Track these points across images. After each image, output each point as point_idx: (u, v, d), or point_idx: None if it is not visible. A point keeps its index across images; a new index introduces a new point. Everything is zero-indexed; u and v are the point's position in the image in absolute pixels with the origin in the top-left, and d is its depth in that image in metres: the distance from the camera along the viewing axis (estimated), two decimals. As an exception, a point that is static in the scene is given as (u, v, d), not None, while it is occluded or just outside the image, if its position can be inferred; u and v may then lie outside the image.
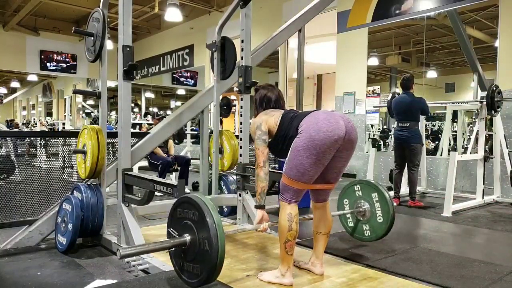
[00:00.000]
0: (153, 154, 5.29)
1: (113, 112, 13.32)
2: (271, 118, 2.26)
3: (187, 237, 1.92)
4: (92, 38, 3.03)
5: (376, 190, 2.76)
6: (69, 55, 13.28)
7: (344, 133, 2.04)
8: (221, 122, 8.55)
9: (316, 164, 2.03)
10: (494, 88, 4.85)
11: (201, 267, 1.86)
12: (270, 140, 2.25)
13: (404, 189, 5.24)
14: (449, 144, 6.61)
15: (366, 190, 2.81)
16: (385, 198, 2.72)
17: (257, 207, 2.27)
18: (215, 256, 1.78)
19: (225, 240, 1.82)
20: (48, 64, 12.98)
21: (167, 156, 5.46)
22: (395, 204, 4.87)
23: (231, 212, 3.80)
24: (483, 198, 4.95)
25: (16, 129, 12.92)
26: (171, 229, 2.03)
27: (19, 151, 6.25)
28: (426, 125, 6.67)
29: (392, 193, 5.13)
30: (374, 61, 7.56)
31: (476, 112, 5.05)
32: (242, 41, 3.31)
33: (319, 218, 2.32)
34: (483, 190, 4.96)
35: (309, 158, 2.00)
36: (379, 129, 7.55)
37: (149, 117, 13.46)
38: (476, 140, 5.04)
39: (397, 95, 5.10)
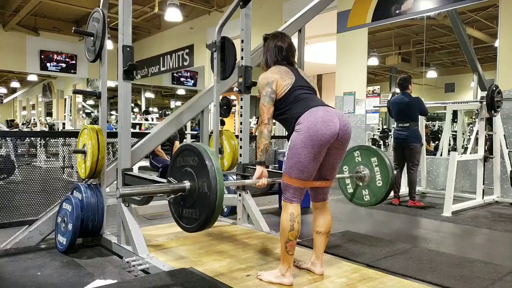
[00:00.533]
0: (156, 155, 5.26)
1: (113, 111, 13.32)
2: (281, 82, 2.19)
3: (187, 183, 1.96)
4: (92, 38, 3.03)
5: (376, 154, 2.77)
6: (69, 55, 13.27)
7: (338, 130, 2.06)
8: (223, 123, 8.55)
9: (313, 160, 2.06)
10: (494, 88, 4.85)
11: (200, 210, 1.89)
12: None
13: (404, 189, 5.24)
14: (449, 144, 6.61)
15: (365, 155, 2.82)
16: (385, 162, 2.73)
17: (257, 163, 2.25)
18: (214, 198, 1.81)
19: (223, 184, 1.85)
20: (48, 64, 12.98)
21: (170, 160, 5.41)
22: (395, 203, 4.89)
23: (231, 212, 3.80)
24: (483, 198, 4.95)
25: (16, 129, 12.92)
26: (171, 178, 2.07)
27: (19, 151, 6.25)
28: (426, 125, 6.67)
29: (391, 193, 5.14)
30: (374, 61, 7.55)
31: (476, 112, 5.05)
32: (242, 41, 3.31)
33: (319, 217, 2.32)
34: (483, 190, 4.96)
35: (307, 155, 2.03)
36: (379, 129, 7.54)
37: (149, 116, 13.46)
38: (476, 140, 5.04)
39: (397, 95, 5.11)
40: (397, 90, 5.01)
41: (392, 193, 5.09)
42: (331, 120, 2.05)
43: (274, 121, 2.25)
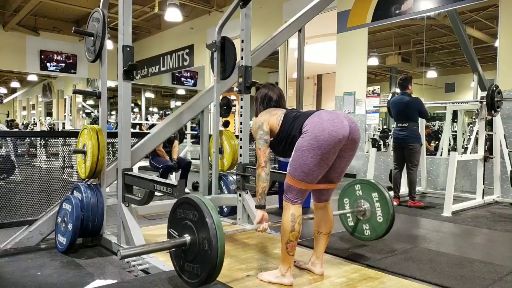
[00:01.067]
0: (156, 155, 5.24)
1: (113, 112, 13.32)
2: (273, 117, 2.25)
3: (187, 238, 1.92)
4: (92, 38, 3.03)
5: (377, 190, 2.76)
6: (69, 55, 13.27)
7: (348, 133, 2.04)
8: (228, 124, 8.52)
9: (320, 164, 2.02)
10: (494, 88, 4.85)
11: (201, 267, 1.87)
12: (271, 139, 2.25)
13: (404, 189, 5.24)
14: (449, 144, 6.61)
15: (366, 189, 2.81)
16: (385, 198, 2.73)
17: (257, 207, 2.27)
18: (215, 256, 1.79)
19: (225, 240, 1.83)
20: (48, 64, 12.97)
21: (170, 160, 5.40)
22: (395, 203, 4.89)
23: (231, 212, 3.80)
24: (483, 198, 4.95)
25: (16, 129, 12.92)
26: (171, 229, 2.04)
27: (19, 151, 6.25)
28: (427, 126, 6.66)
29: (391, 193, 5.13)
30: (374, 61, 7.55)
31: (476, 112, 5.05)
32: (242, 41, 3.31)
33: (320, 218, 2.32)
34: (483, 190, 4.96)
35: (314, 158, 2.00)
36: (379, 129, 7.55)
37: (153, 117, 13.47)
38: (476, 140, 5.04)
39: (397, 95, 5.10)
40: (397, 90, 5.00)
41: (392, 193, 5.09)
42: (337, 118, 2.04)
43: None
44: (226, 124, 4.58)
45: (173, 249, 1.98)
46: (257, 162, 2.22)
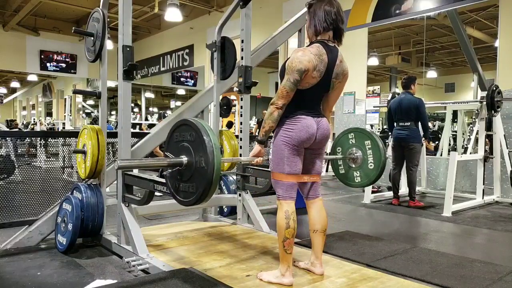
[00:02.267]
0: (154, 156, 5.24)
1: (113, 112, 13.33)
2: (310, 79, 2.07)
3: (184, 158, 1.98)
4: (92, 38, 3.03)
5: (370, 137, 2.80)
6: (69, 55, 13.28)
7: (316, 132, 2.14)
8: (232, 124, 8.52)
9: (297, 154, 2.14)
10: (494, 88, 4.85)
11: (197, 184, 1.92)
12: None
13: (404, 189, 5.24)
14: (449, 144, 6.61)
15: (359, 137, 2.84)
16: (378, 145, 2.76)
17: (257, 140, 2.24)
18: (211, 171, 1.84)
19: (220, 157, 1.89)
20: (48, 64, 12.98)
21: None
22: (395, 203, 4.89)
23: (231, 212, 3.80)
24: (483, 198, 4.95)
25: (16, 129, 12.92)
26: (168, 152, 2.09)
27: (19, 151, 6.25)
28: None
29: (391, 192, 5.13)
30: (374, 61, 7.56)
31: (476, 112, 5.05)
32: (242, 41, 3.31)
33: (314, 215, 2.32)
34: (483, 190, 4.96)
35: (290, 150, 2.12)
36: (379, 129, 7.54)
37: (153, 117, 13.47)
38: (476, 140, 5.04)
39: (396, 95, 5.09)
40: (397, 90, 4.98)
41: (391, 193, 5.08)
42: (311, 126, 2.13)
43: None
44: (229, 124, 4.58)
45: (169, 169, 2.04)
46: (274, 98, 2.08)
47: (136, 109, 15.37)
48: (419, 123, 4.84)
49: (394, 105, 4.91)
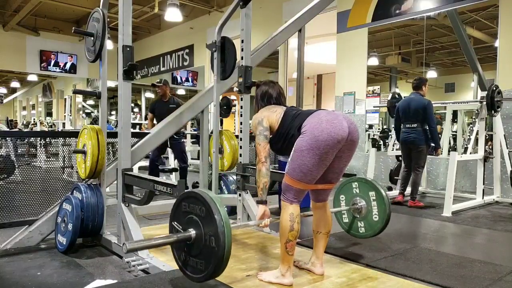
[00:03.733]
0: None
1: (113, 112, 13.32)
2: (273, 115, 2.25)
3: (192, 232, 1.90)
4: (92, 38, 3.03)
5: (374, 188, 2.77)
6: (69, 55, 13.27)
7: (347, 134, 2.04)
8: (221, 122, 8.53)
9: (319, 164, 2.03)
10: (494, 88, 4.85)
11: (206, 262, 1.86)
12: (270, 136, 2.25)
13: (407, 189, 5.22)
14: (449, 144, 6.60)
15: (363, 187, 2.82)
16: (382, 197, 2.73)
17: (259, 202, 2.25)
18: (221, 253, 1.77)
19: (231, 237, 1.82)
20: (48, 64, 12.97)
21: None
22: (399, 199, 4.86)
23: (231, 212, 3.80)
24: (483, 198, 4.95)
25: (16, 129, 12.91)
26: (175, 222, 2.01)
27: (19, 151, 6.25)
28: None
29: (391, 192, 5.12)
30: (374, 61, 7.55)
31: (476, 112, 5.05)
32: (242, 41, 3.31)
33: (319, 217, 2.32)
34: (483, 190, 4.96)
35: (312, 158, 2.00)
36: (379, 129, 7.54)
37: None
38: (476, 140, 5.04)
39: (397, 95, 5.08)
40: (397, 90, 4.96)
41: (391, 193, 5.08)
42: (336, 119, 2.04)
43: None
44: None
45: (177, 243, 1.97)
46: (257, 158, 2.23)
47: (136, 109, 15.35)
48: (426, 125, 4.74)
49: (403, 105, 4.85)
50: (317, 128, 2.00)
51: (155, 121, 5.56)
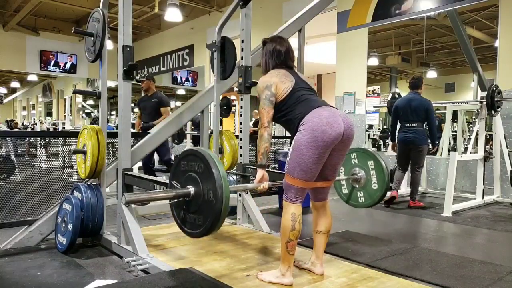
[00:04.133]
0: None
1: (113, 112, 13.32)
2: (281, 85, 2.19)
3: (191, 189, 1.93)
4: (92, 38, 3.03)
5: (372, 158, 2.79)
6: (69, 55, 13.28)
7: (343, 131, 2.06)
8: (221, 122, 8.55)
9: (317, 162, 2.06)
10: (494, 88, 4.85)
11: (204, 217, 1.87)
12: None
13: (404, 189, 5.23)
14: (449, 144, 6.61)
15: (362, 158, 2.83)
16: (381, 166, 2.75)
17: (258, 166, 2.24)
18: (219, 205, 1.79)
19: (229, 191, 1.84)
20: (48, 64, 12.98)
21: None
22: (394, 195, 4.79)
23: (231, 212, 3.80)
24: (483, 198, 4.95)
25: (16, 129, 12.92)
26: (174, 181, 2.05)
27: (19, 151, 6.26)
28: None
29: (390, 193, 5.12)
30: (374, 61, 7.55)
31: (476, 112, 5.05)
32: (242, 41, 3.31)
33: (319, 217, 2.32)
34: (483, 190, 4.96)
35: (311, 157, 2.03)
36: (379, 129, 7.54)
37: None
38: (476, 140, 5.04)
39: (397, 95, 5.07)
40: (397, 90, 4.94)
41: (390, 193, 5.07)
42: (336, 122, 2.05)
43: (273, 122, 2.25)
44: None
45: (176, 199, 1.99)
46: (259, 122, 2.19)
47: (136, 109, 15.35)
48: (425, 125, 4.72)
49: (402, 104, 4.78)
50: (317, 129, 2.02)
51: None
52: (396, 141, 4.93)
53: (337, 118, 2.07)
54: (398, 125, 4.91)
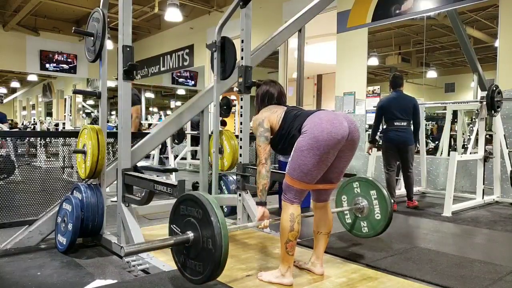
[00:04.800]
0: None
1: (113, 112, 13.32)
2: (273, 115, 2.25)
3: (190, 235, 1.91)
4: (92, 38, 3.03)
5: (375, 187, 2.78)
6: (69, 55, 13.28)
7: (347, 134, 2.04)
8: (225, 123, 8.54)
9: (319, 164, 2.03)
10: (494, 88, 4.85)
11: (204, 265, 1.86)
12: (271, 137, 2.25)
13: (398, 192, 5.15)
14: (449, 144, 6.61)
15: (364, 187, 2.83)
16: (384, 196, 2.75)
17: (258, 203, 2.27)
18: (219, 254, 1.78)
19: (228, 239, 1.82)
20: (48, 64, 12.98)
21: None
22: (394, 209, 4.73)
23: (231, 212, 3.80)
24: (483, 198, 4.95)
25: (16, 129, 12.91)
26: (174, 225, 2.02)
27: (19, 151, 6.25)
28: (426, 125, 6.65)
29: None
30: (374, 61, 7.55)
31: (476, 112, 5.05)
32: (242, 41, 3.31)
33: (319, 218, 2.32)
34: (483, 190, 4.96)
35: (313, 158, 2.00)
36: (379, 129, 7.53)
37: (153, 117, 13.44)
38: (476, 140, 5.03)
39: (388, 95, 5.03)
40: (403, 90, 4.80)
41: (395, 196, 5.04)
42: (336, 119, 2.03)
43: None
44: (223, 123, 4.58)
45: (176, 246, 1.98)
46: (257, 159, 2.24)
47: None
48: (411, 123, 4.62)
49: (392, 104, 4.62)
50: (317, 128, 2.00)
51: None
52: (384, 141, 4.72)
53: (340, 118, 2.05)
54: (384, 126, 4.78)
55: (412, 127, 4.65)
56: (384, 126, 4.84)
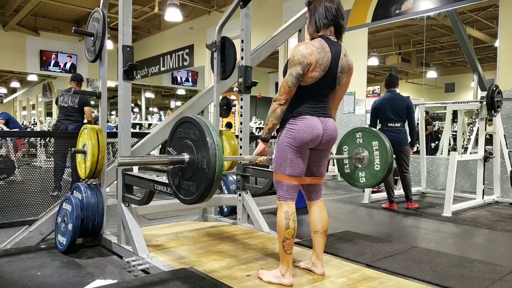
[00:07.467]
0: None
1: (113, 112, 13.33)
2: (313, 73, 2.06)
3: (186, 156, 1.98)
4: (92, 38, 3.03)
5: (378, 138, 2.79)
6: (69, 55, 13.28)
7: (322, 133, 2.12)
8: (231, 125, 8.53)
9: (299, 157, 2.12)
10: (494, 88, 4.85)
11: (198, 184, 1.92)
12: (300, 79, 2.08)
13: (396, 192, 5.12)
14: (449, 144, 6.61)
15: (367, 137, 2.83)
16: (385, 147, 2.75)
17: (261, 139, 2.22)
18: (212, 174, 1.83)
19: (223, 160, 1.87)
20: (48, 64, 12.98)
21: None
22: (393, 209, 4.72)
23: (231, 212, 3.80)
24: (483, 198, 4.95)
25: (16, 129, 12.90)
26: (171, 148, 2.09)
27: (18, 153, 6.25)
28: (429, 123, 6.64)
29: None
30: (374, 61, 7.56)
31: (476, 112, 5.05)
32: (242, 41, 3.31)
33: (315, 217, 2.32)
34: (483, 190, 4.96)
35: (293, 152, 2.10)
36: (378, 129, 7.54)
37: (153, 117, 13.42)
38: (476, 140, 5.03)
39: (383, 95, 5.01)
40: (397, 90, 4.83)
41: (387, 198, 5.02)
42: (315, 127, 2.10)
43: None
44: (229, 125, 4.57)
45: (171, 166, 2.04)
46: (277, 94, 2.06)
47: (136, 109, 15.36)
48: (406, 124, 4.60)
49: (383, 105, 4.60)
50: (299, 135, 2.08)
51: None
52: None
53: (317, 123, 2.10)
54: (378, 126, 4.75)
55: (407, 128, 4.65)
56: (379, 127, 4.84)
